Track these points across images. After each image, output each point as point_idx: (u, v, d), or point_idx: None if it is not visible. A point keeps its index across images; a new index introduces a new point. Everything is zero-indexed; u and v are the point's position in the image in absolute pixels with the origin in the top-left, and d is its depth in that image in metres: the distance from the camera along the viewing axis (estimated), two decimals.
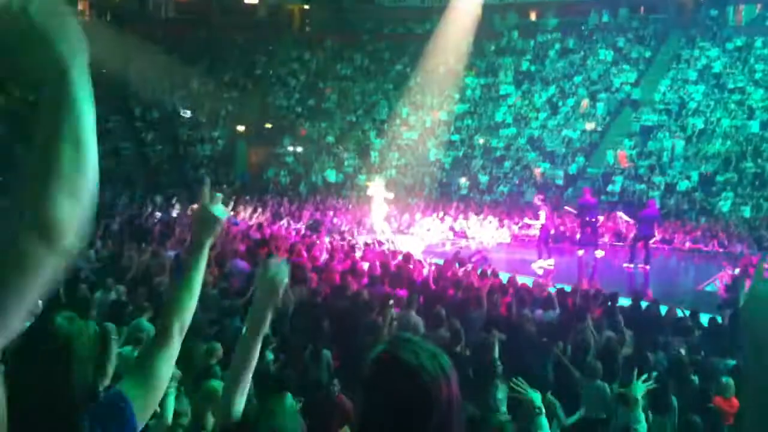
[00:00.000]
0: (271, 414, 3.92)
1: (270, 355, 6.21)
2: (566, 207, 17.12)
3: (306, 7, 32.98)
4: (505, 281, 10.47)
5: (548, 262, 15.35)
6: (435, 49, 27.52)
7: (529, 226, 17.57)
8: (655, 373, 5.49)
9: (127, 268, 10.08)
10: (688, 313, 8.70)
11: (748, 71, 24.70)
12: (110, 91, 25.30)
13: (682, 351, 7.28)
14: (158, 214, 17.14)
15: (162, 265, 10.01)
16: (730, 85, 24.48)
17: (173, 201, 19.59)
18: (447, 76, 27.58)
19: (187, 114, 27.04)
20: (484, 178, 24.68)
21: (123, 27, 25.24)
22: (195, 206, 2.37)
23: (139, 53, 23.56)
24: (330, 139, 27.56)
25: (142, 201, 20.08)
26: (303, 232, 16.31)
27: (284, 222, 17.82)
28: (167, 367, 2.00)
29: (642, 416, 4.51)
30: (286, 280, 2.32)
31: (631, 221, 16.51)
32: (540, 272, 14.59)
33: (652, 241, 16.10)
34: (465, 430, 1.50)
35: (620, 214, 16.84)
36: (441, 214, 20.29)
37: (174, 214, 18.10)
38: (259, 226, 16.08)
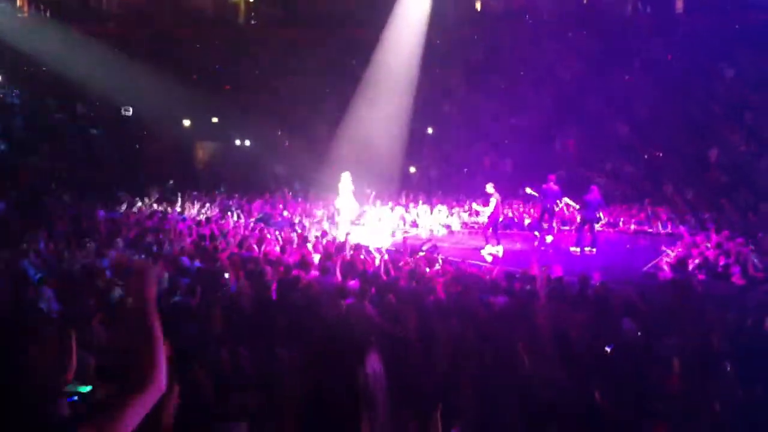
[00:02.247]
0: None
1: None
2: (527, 189, 17.35)
3: (251, 1, 32.58)
4: (455, 269, 10.53)
5: (497, 249, 15.55)
6: (387, 42, 27.42)
7: (478, 212, 17.74)
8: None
9: (70, 267, 9.87)
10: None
11: None
12: (53, 89, 24.73)
13: (634, 332, 7.43)
14: (102, 213, 16.81)
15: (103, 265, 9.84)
16: None
17: (120, 198, 19.25)
18: (399, 69, 27.51)
19: (129, 112, 26.54)
20: (434, 169, 24.81)
21: (64, 23, 24.62)
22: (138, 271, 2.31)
23: (82, 50, 23.02)
24: (279, 133, 27.35)
25: (89, 200, 19.67)
26: (252, 226, 16.17)
27: (233, 216, 17.65)
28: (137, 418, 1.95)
29: None
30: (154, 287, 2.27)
31: (576, 206, 16.84)
32: (489, 259, 14.77)
33: (598, 225, 16.47)
34: None
35: (566, 199, 17.15)
36: (391, 204, 20.35)
37: (121, 211, 17.79)
38: (207, 220, 15.89)
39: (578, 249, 15.76)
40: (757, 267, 11.80)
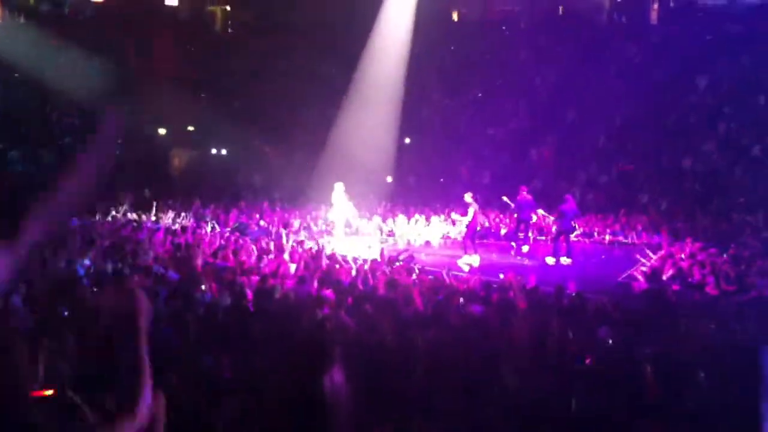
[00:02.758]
0: None
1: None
2: (504, 198, 17.44)
3: (228, 8, 32.51)
4: (432, 278, 10.54)
5: (474, 259, 15.59)
6: (366, 50, 27.43)
7: (454, 222, 17.81)
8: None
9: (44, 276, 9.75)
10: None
11: None
12: (27, 95, 24.45)
13: (609, 341, 7.47)
14: (75, 221, 16.61)
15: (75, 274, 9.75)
16: None
17: (94, 207, 19.02)
18: (378, 78, 27.50)
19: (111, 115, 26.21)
20: (412, 178, 24.83)
21: (39, 28, 24.38)
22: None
23: (56, 56, 22.79)
24: (256, 141, 27.19)
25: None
26: (228, 235, 16.04)
27: (209, 226, 17.50)
28: None
29: None
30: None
31: (550, 217, 16.97)
32: (466, 268, 14.80)
33: (573, 235, 16.57)
34: None
35: (540, 210, 17.30)
36: (368, 214, 20.32)
37: (95, 219, 17.59)
38: (183, 230, 15.77)
39: (554, 259, 15.85)
40: (729, 278, 11.93)
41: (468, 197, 16.13)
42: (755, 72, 24.04)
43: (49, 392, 4.55)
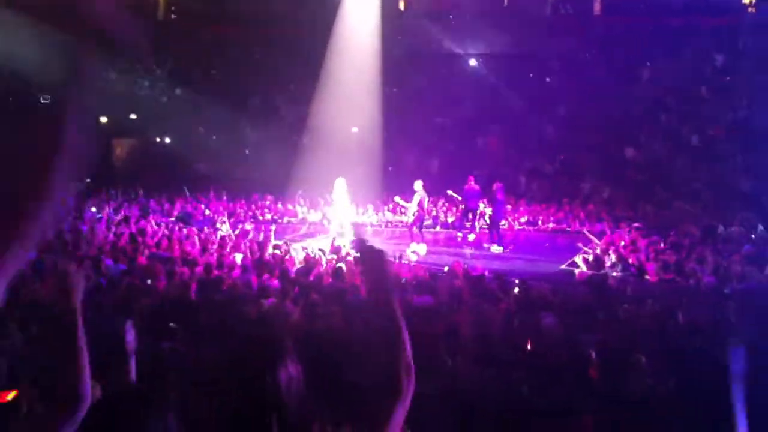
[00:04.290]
0: None
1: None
2: (449, 191, 17.51)
3: None
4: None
5: (421, 247, 15.63)
6: (310, 39, 27.19)
7: (399, 206, 17.83)
8: None
9: None
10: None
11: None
12: None
13: (553, 329, 7.55)
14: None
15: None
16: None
17: None
18: (324, 67, 27.29)
19: (48, 100, 25.49)
20: (358, 168, 24.70)
21: None
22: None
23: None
24: (201, 130, 26.79)
25: None
26: (172, 225, 15.78)
27: (152, 216, 17.17)
28: None
29: None
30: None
31: (458, 198, 17.19)
32: (413, 258, 14.83)
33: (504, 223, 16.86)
34: None
35: (449, 191, 17.47)
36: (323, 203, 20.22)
37: None
38: (126, 220, 15.46)
39: (501, 248, 16.04)
40: (668, 265, 12.19)
41: (418, 185, 16.15)
42: (696, 64, 24.63)
43: (12, 395, 4.43)
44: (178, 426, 2.31)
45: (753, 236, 14.99)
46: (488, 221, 16.64)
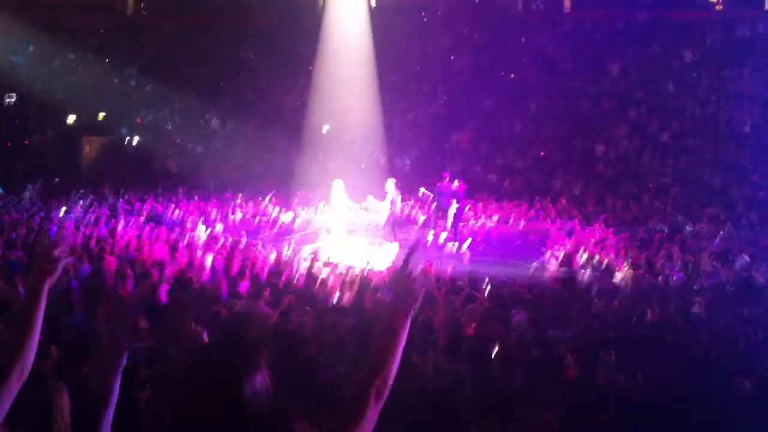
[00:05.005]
0: None
1: None
2: (422, 189, 17.50)
3: None
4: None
5: (393, 247, 15.61)
6: (282, 31, 27.06)
7: (371, 208, 17.79)
8: None
9: None
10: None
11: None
12: None
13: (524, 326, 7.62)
14: None
15: None
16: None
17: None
18: (295, 60, 27.12)
19: (13, 98, 25.15)
20: (331, 165, 24.60)
21: None
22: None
23: None
24: (170, 127, 26.47)
25: None
26: (142, 225, 15.57)
27: (122, 216, 16.93)
28: None
29: None
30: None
31: (431, 195, 17.19)
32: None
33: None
34: None
35: (422, 189, 17.48)
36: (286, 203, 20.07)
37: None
38: (95, 220, 15.26)
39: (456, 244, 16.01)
40: (638, 262, 12.32)
41: (390, 185, 16.11)
42: (664, 59, 24.90)
43: None
44: None
45: (722, 232, 15.17)
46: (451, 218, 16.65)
